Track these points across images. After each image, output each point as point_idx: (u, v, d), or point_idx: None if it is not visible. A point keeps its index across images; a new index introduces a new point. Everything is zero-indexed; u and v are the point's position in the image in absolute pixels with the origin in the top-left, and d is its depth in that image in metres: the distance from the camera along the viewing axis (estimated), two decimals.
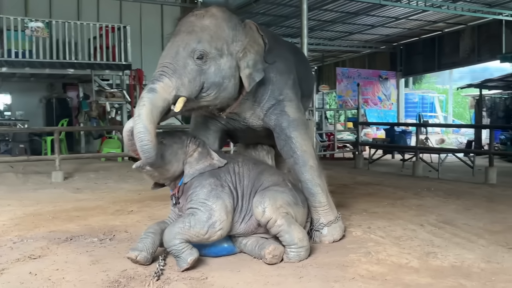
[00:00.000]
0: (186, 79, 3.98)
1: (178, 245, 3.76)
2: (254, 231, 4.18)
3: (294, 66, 5.01)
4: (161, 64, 4.01)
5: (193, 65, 4.02)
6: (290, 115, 4.69)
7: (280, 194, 4.14)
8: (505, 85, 17.79)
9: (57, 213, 6.17)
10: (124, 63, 12.72)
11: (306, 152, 4.67)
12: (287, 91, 4.73)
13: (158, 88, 3.86)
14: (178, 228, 3.81)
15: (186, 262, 3.74)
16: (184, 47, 4.02)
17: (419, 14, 16.60)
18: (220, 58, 4.14)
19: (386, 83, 21.28)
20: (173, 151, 4.09)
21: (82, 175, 9.72)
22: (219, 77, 4.14)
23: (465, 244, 4.50)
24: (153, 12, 16.53)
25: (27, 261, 4.09)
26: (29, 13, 13.64)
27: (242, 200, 4.17)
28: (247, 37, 4.32)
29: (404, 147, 14.97)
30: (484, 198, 7.05)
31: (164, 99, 3.88)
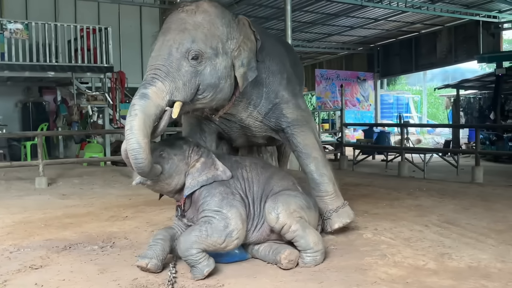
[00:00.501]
0: (180, 82, 3.72)
1: (196, 255, 3.60)
2: (267, 238, 4.06)
3: (286, 61, 4.87)
4: (153, 66, 3.72)
5: (187, 67, 3.75)
6: (288, 116, 4.63)
7: (293, 199, 4.03)
8: (481, 85, 18.09)
9: (48, 220, 5.95)
10: (106, 65, 12.47)
11: (308, 145, 4.68)
12: (282, 93, 4.61)
13: (150, 93, 3.58)
14: (194, 237, 3.63)
15: (202, 274, 3.60)
16: (178, 47, 3.75)
17: (397, 15, 16.79)
18: (215, 57, 3.88)
19: (364, 84, 21.45)
20: (173, 164, 3.85)
21: (66, 180, 9.46)
22: (215, 78, 3.89)
23: (475, 244, 4.47)
24: (131, 14, 16.29)
25: (29, 271, 3.90)
26: (4, 14, 13.26)
27: (253, 207, 4.03)
28: (241, 34, 4.11)
29: (389, 147, 15.06)
30: (478, 198, 7.07)
31: (157, 106, 3.60)
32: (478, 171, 9.70)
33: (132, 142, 3.44)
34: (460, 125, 18.34)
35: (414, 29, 19.31)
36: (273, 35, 6.01)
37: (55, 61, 11.91)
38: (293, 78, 4.88)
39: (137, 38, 16.11)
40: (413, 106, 27.68)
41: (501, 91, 16.02)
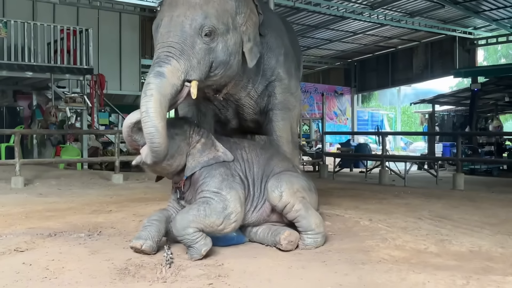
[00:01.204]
0: (195, 61, 3.58)
1: (193, 234, 3.47)
2: (266, 219, 3.96)
3: (285, 37, 4.78)
4: (165, 43, 3.56)
5: (201, 44, 3.61)
6: (277, 97, 4.60)
7: (295, 179, 3.96)
8: (456, 101, 18.34)
9: (29, 213, 5.70)
10: (86, 67, 12.21)
11: (282, 137, 4.67)
12: (278, 70, 4.54)
13: (166, 72, 3.44)
14: (192, 216, 3.51)
15: (199, 253, 3.46)
16: (191, 23, 3.58)
17: (376, 29, 17.01)
18: (227, 33, 3.76)
19: (341, 98, 21.61)
20: (175, 144, 3.72)
21: (43, 181, 9.17)
22: (226, 54, 3.77)
23: (472, 234, 4.43)
24: (111, 19, 16.09)
25: (14, 254, 3.71)
26: None
27: (253, 188, 3.93)
28: (248, 8, 4.01)
29: (370, 155, 15.09)
30: (465, 199, 7.08)
31: (173, 85, 3.47)
32: (459, 178, 9.74)
33: (149, 126, 3.34)
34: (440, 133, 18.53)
35: (391, 44, 19.59)
36: (272, 11, 5.89)
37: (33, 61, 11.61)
38: (290, 55, 4.80)
39: (116, 45, 15.92)
40: (387, 123, 28.00)
41: (477, 106, 16.27)
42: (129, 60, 16.44)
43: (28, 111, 14.26)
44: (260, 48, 4.15)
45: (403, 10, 15.54)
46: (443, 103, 18.85)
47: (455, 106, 19.22)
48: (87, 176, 10.03)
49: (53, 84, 12.14)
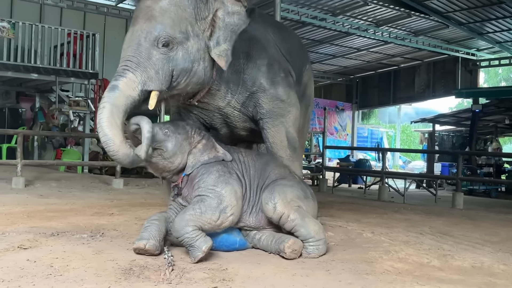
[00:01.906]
0: (152, 71, 3.66)
1: (191, 233, 3.51)
2: (266, 226, 3.98)
3: (270, 46, 4.64)
4: (123, 58, 3.70)
5: (158, 55, 3.67)
6: (263, 106, 4.45)
7: (289, 188, 3.98)
8: (457, 121, 18.41)
9: (30, 213, 5.70)
10: (91, 72, 12.27)
11: (275, 143, 4.54)
12: (260, 80, 4.40)
13: (120, 84, 3.57)
14: (189, 215, 3.58)
15: (201, 251, 3.47)
16: (146, 36, 3.68)
17: (379, 47, 17.10)
18: (186, 41, 3.78)
19: (342, 114, 21.67)
20: (177, 142, 3.88)
21: (44, 183, 9.16)
22: (188, 62, 3.79)
23: (473, 250, 4.45)
24: (117, 25, 16.14)
25: (18, 250, 3.70)
26: None
27: (250, 190, 4.00)
28: (211, 13, 3.93)
29: (370, 171, 15.10)
30: (464, 217, 7.10)
31: (127, 97, 3.58)
32: (458, 197, 9.75)
33: (101, 135, 3.53)
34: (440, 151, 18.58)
35: (394, 62, 19.68)
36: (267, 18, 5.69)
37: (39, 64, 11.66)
38: (276, 65, 4.60)
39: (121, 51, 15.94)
40: (386, 141, 28.03)
41: (477, 127, 16.32)
42: None
43: (30, 113, 14.28)
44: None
45: (408, 28, 15.67)
46: (443, 123, 18.93)
47: (455, 126, 19.28)
48: (87, 180, 10.03)
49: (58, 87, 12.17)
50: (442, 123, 18.99)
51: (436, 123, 18.28)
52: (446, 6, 14.47)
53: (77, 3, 15.63)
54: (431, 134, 18.67)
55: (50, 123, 12.57)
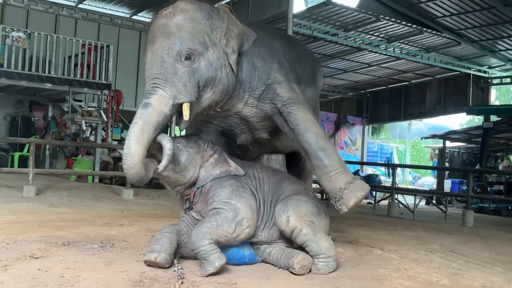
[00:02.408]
0: (180, 84, 3.81)
1: (207, 246, 3.54)
2: (277, 240, 4.00)
3: (278, 52, 4.73)
4: (150, 77, 3.84)
5: (183, 68, 3.84)
6: (282, 95, 4.40)
7: (303, 203, 4.01)
8: (467, 138, 18.33)
9: (41, 222, 5.74)
10: (104, 82, 12.39)
11: (306, 120, 4.31)
12: (274, 74, 4.46)
13: (152, 101, 3.72)
14: (205, 228, 3.62)
15: (214, 266, 3.49)
16: (168, 52, 3.82)
17: (391, 62, 17.11)
18: (206, 51, 3.94)
19: (352, 128, 21.63)
20: (189, 156, 3.96)
21: (55, 192, 9.24)
22: (211, 71, 3.95)
23: (483, 269, 4.42)
24: (131, 37, 16.32)
25: (29, 260, 3.74)
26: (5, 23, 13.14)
27: (263, 206, 4.04)
28: (224, 22, 4.13)
29: (379, 186, 15.03)
30: (475, 235, 7.06)
31: (159, 113, 3.72)
32: (468, 215, 9.69)
33: (125, 147, 3.63)
34: (451, 168, 18.48)
35: (405, 78, 19.67)
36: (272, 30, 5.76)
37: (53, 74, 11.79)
38: (285, 65, 4.67)
39: (134, 62, 16.09)
40: (396, 156, 27.93)
41: (488, 145, 16.23)
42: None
43: (43, 122, 14.40)
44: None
45: (419, 45, 15.69)
46: (454, 139, 18.86)
47: (466, 143, 19.19)
48: (97, 189, 10.10)
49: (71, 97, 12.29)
50: (452, 140, 18.92)
51: (446, 140, 18.22)
52: (458, 24, 14.49)
53: (92, 15, 15.82)
54: (442, 150, 18.60)
55: (62, 132, 12.66)
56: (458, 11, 13.77)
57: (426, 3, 13.78)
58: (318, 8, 13.18)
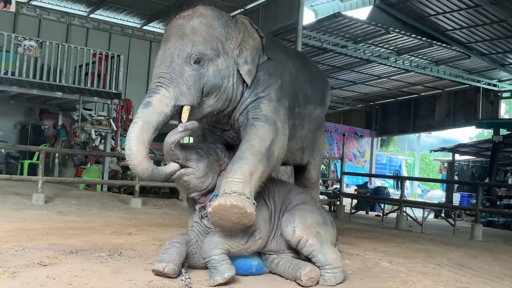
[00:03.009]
0: (184, 87, 3.80)
1: (219, 256, 3.56)
2: (285, 250, 4.01)
3: (290, 72, 4.64)
4: (157, 75, 3.84)
5: (190, 71, 3.84)
6: (262, 110, 4.15)
7: (309, 214, 4.03)
8: (477, 151, 18.24)
9: (50, 230, 5.78)
10: (114, 92, 12.46)
11: (258, 135, 3.99)
12: (269, 91, 4.27)
13: (154, 101, 3.72)
14: (218, 237, 3.64)
15: (223, 277, 3.50)
16: (178, 53, 3.84)
17: (400, 75, 17.09)
18: (217, 58, 3.95)
19: (361, 140, 21.59)
20: (210, 163, 3.98)
21: (64, 200, 9.28)
22: (218, 78, 3.95)
23: (492, 284, 4.40)
24: (141, 47, 16.43)
25: (37, 267, 3.76)
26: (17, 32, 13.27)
27: (274, 215, 4.06)
28: (241, 33, 4.16)
29: (388, 199, 14.98)
30: (483, 249, 7.02)
31: (160, 113, 3.72)
32: (477, 229, 9.62)
33: (127, 148, 3.66)
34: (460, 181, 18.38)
35: (414, 91, 19.63)
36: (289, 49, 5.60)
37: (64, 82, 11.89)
38: (286, 89, 4.48)
39: (144, 72, 16.18)
40: (405, 168, 27.81)
41: (497, 158, 16.13)
42: None
43: (53, 131, 14.50)
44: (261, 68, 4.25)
45: (429, 57, 15.67)
46: (463, 152, 18.76)
47: (475, 156, 19.08)
48: (106, 198, 10.13)
49: (81, 106, 12.38)
50: (462, 153, 18.82)
51: (456, 153, 18.12)
52: (468, 37, 14.48)
53: (103, 24, 15.96)
54: (451, 163, 18.50)
55: (72, 140, 12.74)
56: (468, 24, 13.77)
57: (436, 16, 13.80)
58: (328, 20, 13.22)
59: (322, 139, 5.70)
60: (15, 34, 11.99)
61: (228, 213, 3.53)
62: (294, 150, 5.01)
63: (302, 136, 5.01)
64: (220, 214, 3.55)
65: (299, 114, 4.78)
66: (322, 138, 5.69)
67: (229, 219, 3.55)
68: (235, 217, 3.54)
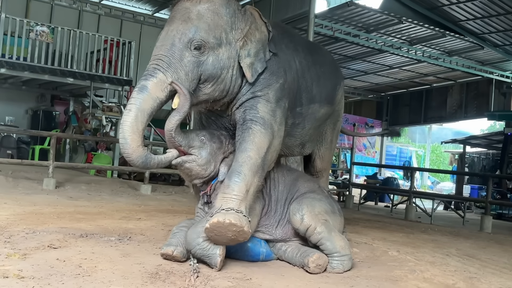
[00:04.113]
0: (182, 73, 3.73)
1: (202, 244, 3.58)
2: (292, 237, 4.03)
3: (293, 68, 4.52)
4: (155, 57, 3.77)
5: (190, 57, 3.76)
6: (259, 112, 4.07)
7: (317, 202, 4.04)
8: (488, 143, 18.11)
9: (60, 214, 5.83)
10: (125, 78, 12.50)
11: (255, 143, 3.94)
12: (268, 91, 4.16)
13: (149, 85, 3.65)
14: (201, 228, 3.62)
15: (217, 254, 3.52)
16: (180, 37, 3.76)
17: (412, 65, 16.95)
18: (218, 48, 3.87)
19: (371, 131, 21.47)
20: (212, 150, 3.96)
21: (74, 185, 9.34)
22: (217, 68, 3.87)
23: (500, 274, 4.39)
24: (153, 34, 16.20)
25: (48, 249, 3.80)
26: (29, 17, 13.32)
27: (277, 205, 4.08)
28: (247, 25, 4.05)
29: (397, 189, 14.94)
30: (492, 241, 7.00)
31: (155, 99, 3.67)
32: (487, 220, 9.57)
33: (120, 137, 3.66)
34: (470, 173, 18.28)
35: (426, 81, 19.46)
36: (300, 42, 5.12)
37: (75, 68, 11.93)
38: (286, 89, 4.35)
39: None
40: (415, 160, 27.70)
41: (509, 151, 16.01)
42: None
43: (64, 117, 14.58)
44: (265, 64, 4.12)
45: (442, 48, 15.50)
46: (475, 144, 18.65)
47: (486, 149, 18.96)
48: (116, 184, 10.18)
49: (92, 92, 12.42)
50: (473, 145, 18.71)
51: (467, 145, 18.02)
52: (481, 28, 14.31)
53: (115, 11, 15.93)
54: (462, 155, 18.40)
55: (82, 127, 12.81)
56: (482, 15, 13.60)
57: (449, 6, 13.64)
58: (340, 9, 13.09)
59: (332, 130, 5.51)
60: (27, 19, 12.00)
61: (225, 231, 3.52)
62: (291, 146, 4.87)
63: (302, 135, 4.89)
64: (217, 231, 3.53)
65: (300, 114, 4.69)
66: (332, 128, 5.50)
67: (226, 235, 3.54)
68: (232, 234, 3.54)
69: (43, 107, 14.85)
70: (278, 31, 4.45)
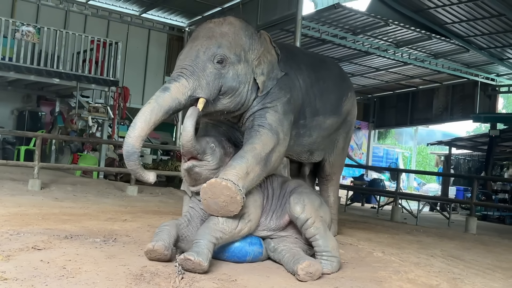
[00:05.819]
0: (204, 81, 4.03)
1: (205, 242, 3.61)
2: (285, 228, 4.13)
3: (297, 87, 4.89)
4: (180, 66, 4.08)
5: (212, 69, 4.07)
6: (267, 118, 4.39)
7: (315, 196, 4.24)
8: (473, 145, 18.26)
9: (45, 215, 5.78)
10: (112, 79, 12.45)
11: (261, 140, 4.22)
12: (276, 103, 4.53)
13: (172, 87, 3.93)
14: (212, 224, 3.73)
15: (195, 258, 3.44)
16: (205, 51, 4.09)
17: (398, 67, 17.09)
18: (238, 63, 4.21)
19: (358, 132, 21.59)
20: (221, 156, 4.13)
21: (60, 186, 9.28)
22: (236, 82, 4.20)
23: (484, 275, 4.44)
24: (140, 35, 16.36)
25: (32, 251, 3.77)
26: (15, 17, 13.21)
27: (272, 199, 4.24)
28: (262, 47, 4.46)
29: (383, 191, 15.02)
30: (477, 242, 7.07)
31: (174, 99, 3.92)
32: (472, 222, 9.67)
33: (133, 122, 3.84)
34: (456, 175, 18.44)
35: (413, 84, 19.62)
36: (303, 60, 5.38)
37: (62, 69, 11.86)
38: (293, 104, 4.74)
39: (143, 60, 16.23)
40: (402, 161, 27.85)
41: (494, 153, 16.15)
42: (153, 76, 16.67)
43: (50, 117, 14.48)
44: (275, 82, 4.54)
45: (428, 50, 15.65)
46: (460, 146, 18.80)
47: (472, 150, 19.13)
48: (102, 185, 10.13)
49: (78, 92, 12.36)
50: (458, 147, 18.87)
51: (452, 147, 18.17)
52: (467, 30, 14.46)
53: (102, 11, 15.85)
54: (447, 157, 18.55)
55: (68, 127, 12.73)
56: (468, 18, 13.74)
57: (435, 9, 13.77)
58: (327, 11, 13.15)
59: (345, 138, 6.00)
60: (13, 19, 11.90)
61: (219, 193, 3.71)
62: (300, 153, 5.33)
63: (310, 143, 5.30)
64: (212, 191, 3.74)
65: (304, 125, 5.10)
66: (345, 137, 5.98)
67: (218, 199, 3.73)
68: (224, 199, 3.72)
69: (29, 108, 14.73)
70: (284, 53, 4.81)
